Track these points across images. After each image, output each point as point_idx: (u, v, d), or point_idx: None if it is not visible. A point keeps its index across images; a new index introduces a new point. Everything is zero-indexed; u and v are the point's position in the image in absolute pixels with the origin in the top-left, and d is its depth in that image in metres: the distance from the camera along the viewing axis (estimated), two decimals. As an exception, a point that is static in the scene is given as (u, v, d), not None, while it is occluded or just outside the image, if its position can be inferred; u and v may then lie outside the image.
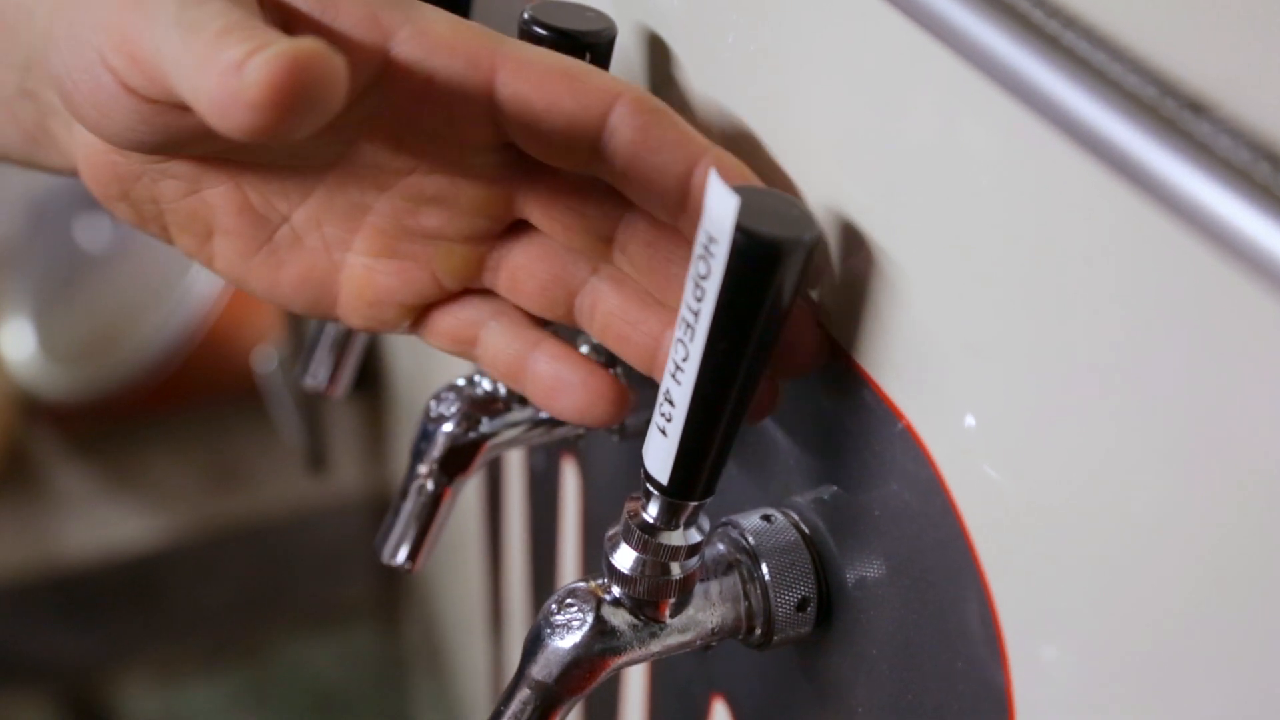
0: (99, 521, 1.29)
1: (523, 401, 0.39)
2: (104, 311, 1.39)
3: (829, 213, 0.32)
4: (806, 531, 0.35)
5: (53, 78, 0.32)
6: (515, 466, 0.55)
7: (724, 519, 0.36)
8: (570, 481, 0.50)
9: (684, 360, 0.29)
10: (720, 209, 0.26)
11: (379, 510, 1.10)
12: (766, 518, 0.35)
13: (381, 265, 0.35)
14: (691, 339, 0.28)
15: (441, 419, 0.39)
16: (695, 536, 0.33)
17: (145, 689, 1.35)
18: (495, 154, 0.33)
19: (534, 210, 0.34)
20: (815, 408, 0.34)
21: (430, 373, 0.73)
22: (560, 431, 0.40)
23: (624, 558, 0.33)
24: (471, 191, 0.34)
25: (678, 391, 0.29)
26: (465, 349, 0.35)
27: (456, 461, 0.39)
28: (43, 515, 1.30)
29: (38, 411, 1.35)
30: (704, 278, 0.27)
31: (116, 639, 1.33)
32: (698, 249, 0.27)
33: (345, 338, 0.45)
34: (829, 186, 0.32)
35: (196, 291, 1.31)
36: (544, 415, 0.40)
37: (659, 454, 0.31)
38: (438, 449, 0.39)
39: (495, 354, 0.35)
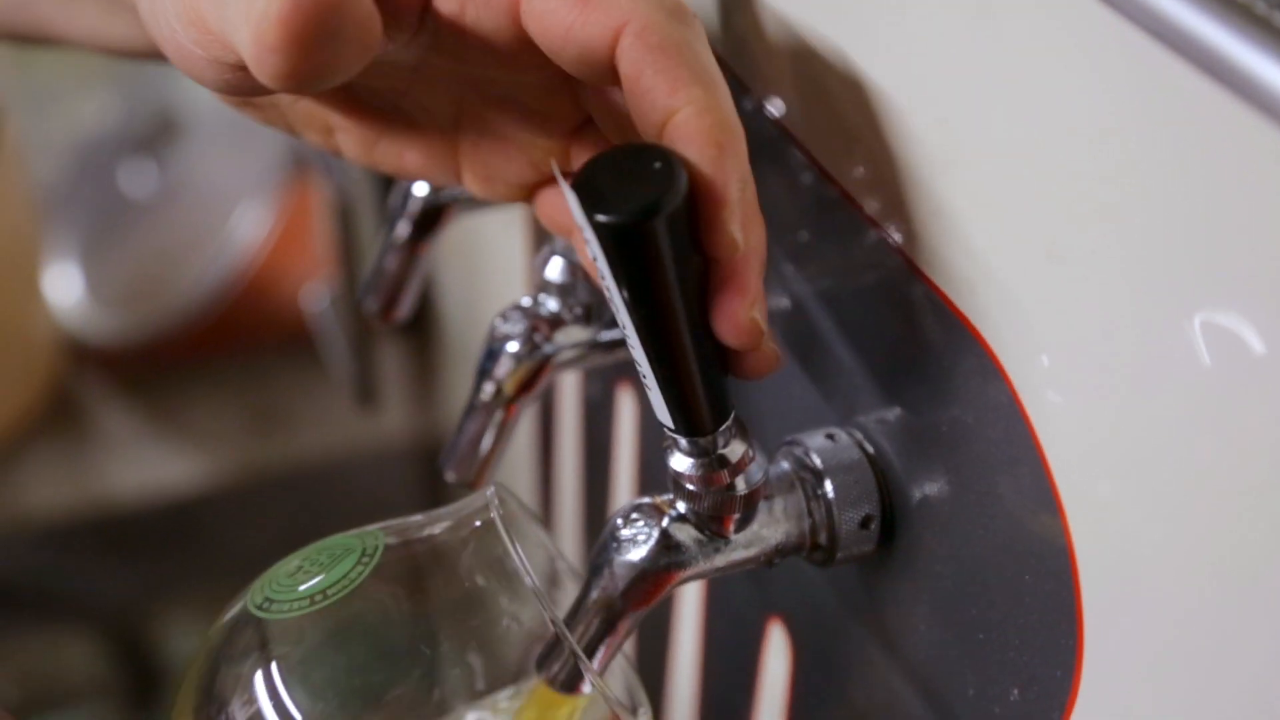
0: (144, 463, 1.31)
1: (587, 320, 0.39)
2: (149, 257, 1.40)
3: (901, 120, 0.32)
4: (870, 450, 0.35)
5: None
6: (569, 394, 0.56)
7: (788, 438, 0.36)
8: (626, 409, 0.51)
9: (625, 327, 0.29)
10: (571, 199, 0.26)
11: (423, 454, 1.11)
12: (830, 436, 0.36)
13: (487, 147, 0.36)
14: (618, 310, 0.29)
15: (507, 337, 0.39)
16: (738, 452, 0.32)
17: (187, 628, 1.38)
18: (546, 67, 0.32)
19: (594, 111, 0.34)
20: (884, 326, 0.35)
21: (480, 314, 0.73)
22: (624, 353, 0.41)
23: (687, 475, 0.33)
24: (537, 94, 0.34)
25: (636, 353, 0.30)
26: (569, 235, 0.36)
27: (521, 380, 0.39)
28: (88, 457, 1.32)
29: (84, 355, 1.36)
30: (596, 258, 0.28)
31: (159, 579, 1.35)
32: (580, 232, 0.27)
33: (406, 265, 0.45)
34: (906, 89, 0.32)
35: (240, 237, 1.32)
36: (607, 336, 0.40)
37: (657, 405, 0.31)
38: (503, 367, 0.39)
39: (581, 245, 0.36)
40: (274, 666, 0.34)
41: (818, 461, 0.35)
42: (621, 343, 0.40)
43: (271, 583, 0.36)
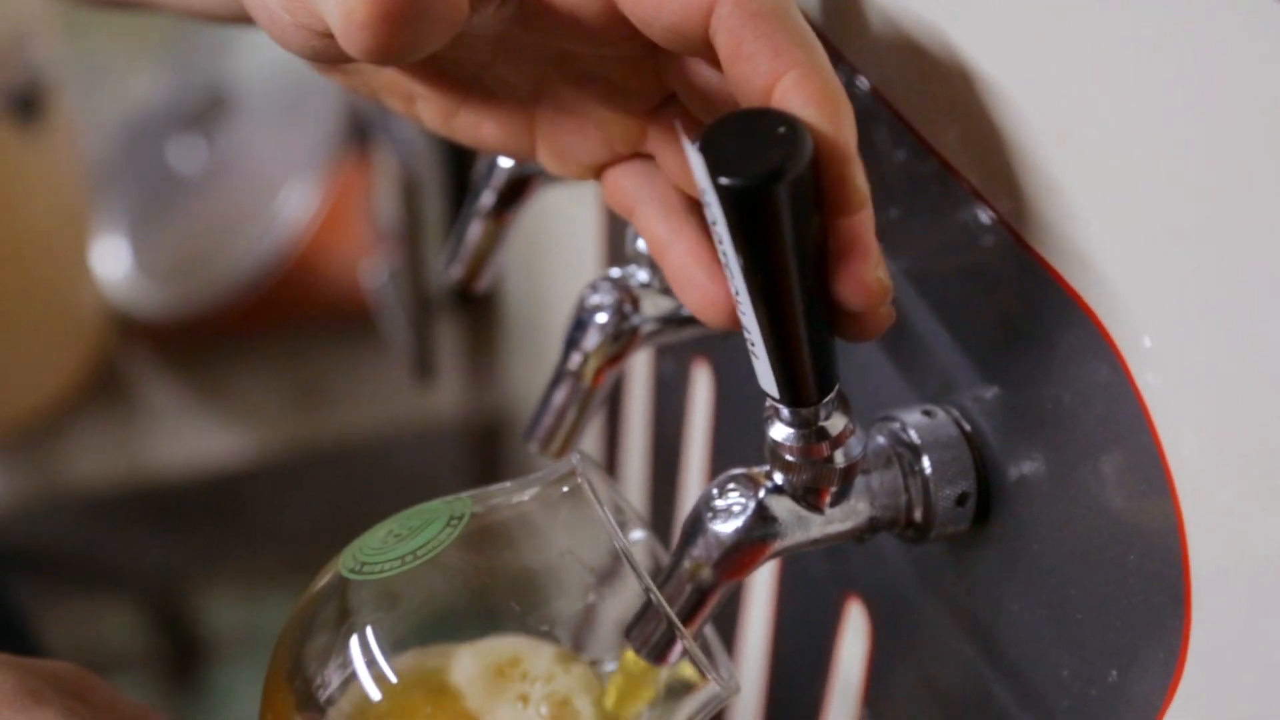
0: (189, 437, 1.31)
1: (677, 293, 0.39)
2: (197, 232, 1.41)
3: (1014, 91, 0.31)
4: (967, 428, 0.35)
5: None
6: (640, 372, 0.56)
7: (884, 414, 0.36)
8: (702, 386, 0.50)
9: (738, 294, 0.29)
10: (695, 162, 0.26)
11: (473, 432, 1.11)
12: (927, 413, 0.35)
13: (564, 122, 0.36)
14: (733, 275, 0.29)
15: (596, 308, 0.39)
16: (838, 425, 0.32)
17: (228, 600, 1.39)
18: (633, 39, 0.32)
19: (678, 86, 0.34)
20: (984, 302, 0.34)
21: (542, 291, 0.73)
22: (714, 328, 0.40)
23: (787, 446, 0.33)
24: (619, 69, 0.34)
25: (747, 320, 0.30)
26: (630, 216, 0.36)
27: (609, 352, 0.39)
28: (135, 429, 1.33)
29: (131, 328, 1.37)
30: (715, 223, 0.27)
31: (202, 551, 1.36)
32: (700, 196, 0.27)
33: (490, 235, 0.45)
34: (1022, 60, 0.31)
35: (288, 214, 1.33)
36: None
37: (762, 373, 0.31)
38: (591, 339, 0.39)
39: (645, 232, 0.36)
40: (368, 630, 0.34)
41: (915, 437, 0.35)
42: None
43: (361, 549, 0.36)
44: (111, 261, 1.39)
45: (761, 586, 0.48)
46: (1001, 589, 0.35)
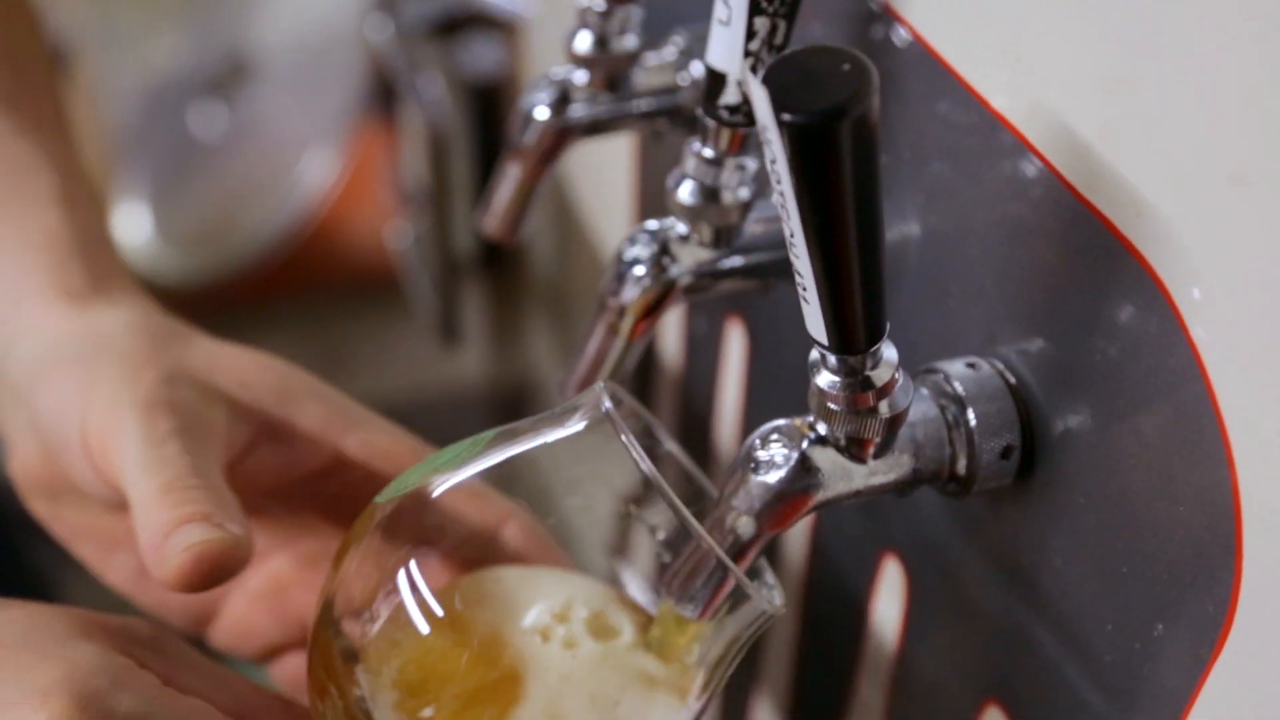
0: (211, 403, 1.31)
1: (716, 244, 0.39)
2: (218, 198, 1.41)
3: (1067, 35, 0.31)
4: (1012, 380, 0.35)
5: (33, 414, 0.39)
6: (671, 329, 0.55)
7: (928, 366, 0.35)
8: (735, 344, 0.50)
9: (792, 236, 0.29)
10: (758, 96, 0.26)
11: (496, 400, 1.11)
12: (971, 365, 0.35)
13: (264, 603, 0.41)
14: (788, 216, 0.28)
15: (635, 260, 0.39)
16: (885, 375, 0.32)
17: (251, 567, 1.39)
18: None
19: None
20: (1030, 252, 0.34)
21: (569, 254, 0.73)
22: (753, 283, 0.40)
23: (832, 395, 0.32)
24: None
25: (800, 264, 0.29)
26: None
27: (647, 304, 0.39)
28: (156, 395, 1.33)
29: (152, 295, 1.37)
30: (773, 162, 0.27)
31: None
32: (760, 133, 0.27)
33: (525, 188, 0.45)
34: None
35: (309, 181, 1.32)
36: (739, 262, 0.39)
37: (813, 318, 0.31)
38: (629, 291, 0.39)
39: None
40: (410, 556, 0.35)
41: (960, 389, 0.34)
42: (750, 270, 0.40)
43: (391, 485, 0.37)
44: (133, 227, 1.39)
45: (795, 541, 0.48)
46: (1044, 543, 0.35)
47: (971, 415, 0.34)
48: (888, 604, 0.43)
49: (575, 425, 0.35)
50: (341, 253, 1.31)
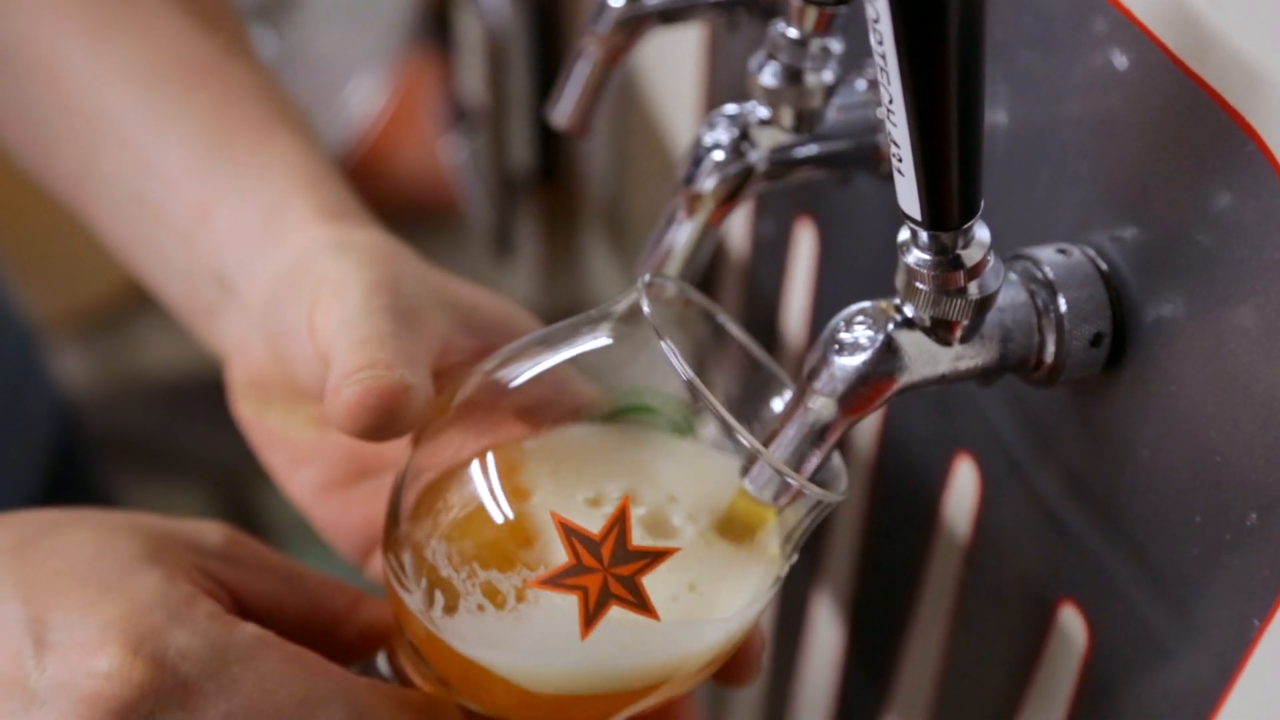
0: (256, 328, 1.32)
1: (798, 129, 0.38)
2: (266, 123, 1.40)
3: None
4: (1104, 267, 0.34)
5: (265, 320, 0.40)
6: (737, 230, 0.55)
7: (1018, 251, 0.35)
8: (805, 247, 0.49)
9: (890, 102, 0.28)
10: None
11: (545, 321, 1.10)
12: (1063, 251, 0.34)
13: None
14: (889, 81, 0.27)
15: (714, 146, 0.38)
16: (976, 256, 0.31)
17: (293, 493, 1.40)
18: None
19: None
20: (1128, 132, 0.33)
21: (629, 171, 0.72)
22: (833, 172, 0.39)
23: (921, 273, 0.32)
24: None
25: (897, 133, 0.28)
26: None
27: (725, 190, 0.38)
28: (202, 320, 1.33)
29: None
30: (875, 21, 0.26)
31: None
32: None
33: (598, 78, 0.44)
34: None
35: (356, 107, 1.32)
36: (819, 149, 0.39)
37: (906, 192, 0.30)
38: (707, 177, 0.38)
39: None
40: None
41: (1050, 274, 0.33)
42: (830, 158, 0.39)
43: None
44: (180, 152, 1.39)
45: (863, 440, 0.48)
46: (1132, 435, 0.34)
47: (1062, 301, 0.33)
48: (959, 504, 0.43)
49: (610, 332, 0.35)
50: (389, 180, 1.31)
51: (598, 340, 0.36)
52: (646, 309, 0.34)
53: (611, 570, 0.33)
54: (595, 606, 0.33)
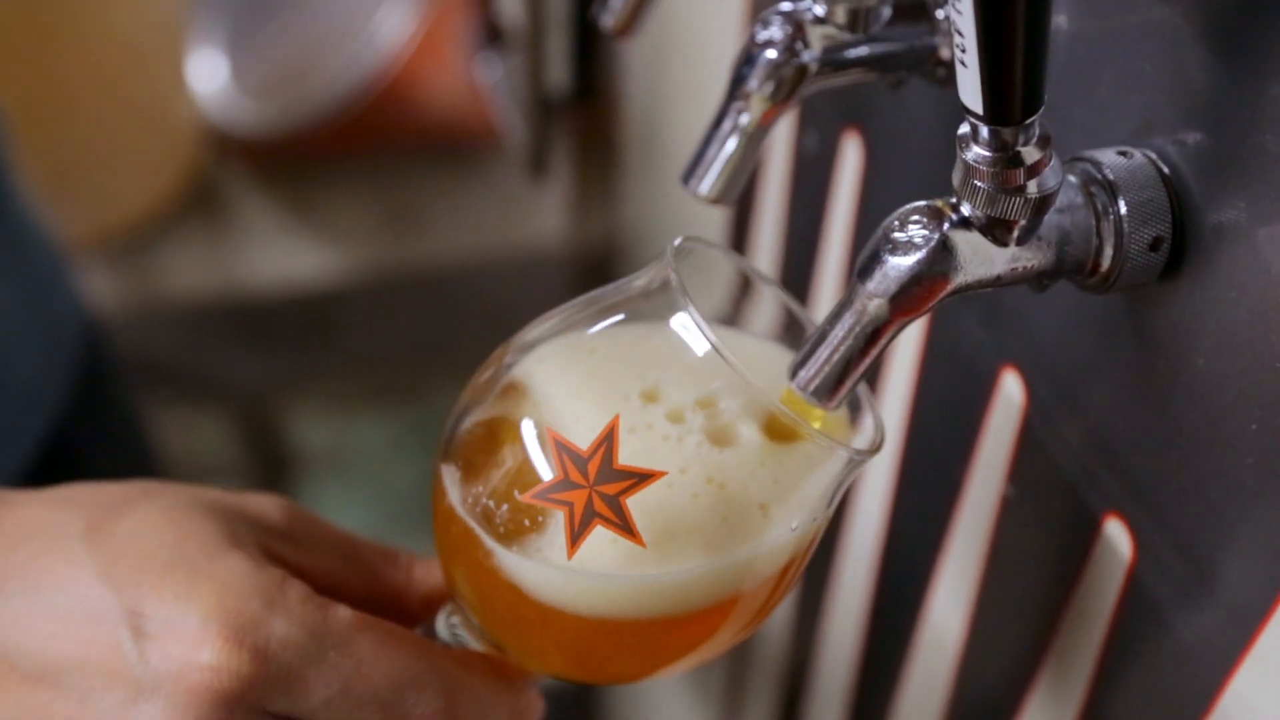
0: (280, 255, 1.32)
1: (853, 27, 0.37)
2: (293, 49, 1.39)
3: None
4: (1166, 170, 0.33)
5: None
6: (779, 144, 0.54)
7: (1078, 153, 0.34)
8: (851, 160, 0.49)
9: None
10: None
11: (581, 257, 1.10)
12: (1124, 153, 0.33)
13: None
14: None
15: (768, 44, 0.37)
16: (1036, 154, 0.31)
17: (315, 418, 1.41)
18: None
19: None
20: (1195, 28, 0.32)
21: (663, 92, 0.71)
22: (886, 75, 0.38)
23: (980, 170, 0.31)
24: None
25: (962, 21, 0.28)
26: None
27: (777, 89, 0.37)
28: (227, 245, 1.34)
29: (226, 144, 1.37)
30: None
31: (291, 368, 1.37)
32: None
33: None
34: None
35: (385, 33, 1.31)
36: (874, 50, 0.38)
37: (968, 85, 0.29)
38: (759, 75, 0.37)
39: None
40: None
41: (1110, 175, 0.33)
42: (885, 59, 0.38)
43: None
44: (208, 76, 1.39)
45: (903, 353, 0.47)
46: (1189, 342, 0.34)
47: (1122, 204, 0.33)
48: (1004, 419, 0.42)
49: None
50: (417, 108, 1.30)
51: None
52: (674, 278, 0.34)
53: (596, 488, 0.33)
54: (580, 524, 0.33)
